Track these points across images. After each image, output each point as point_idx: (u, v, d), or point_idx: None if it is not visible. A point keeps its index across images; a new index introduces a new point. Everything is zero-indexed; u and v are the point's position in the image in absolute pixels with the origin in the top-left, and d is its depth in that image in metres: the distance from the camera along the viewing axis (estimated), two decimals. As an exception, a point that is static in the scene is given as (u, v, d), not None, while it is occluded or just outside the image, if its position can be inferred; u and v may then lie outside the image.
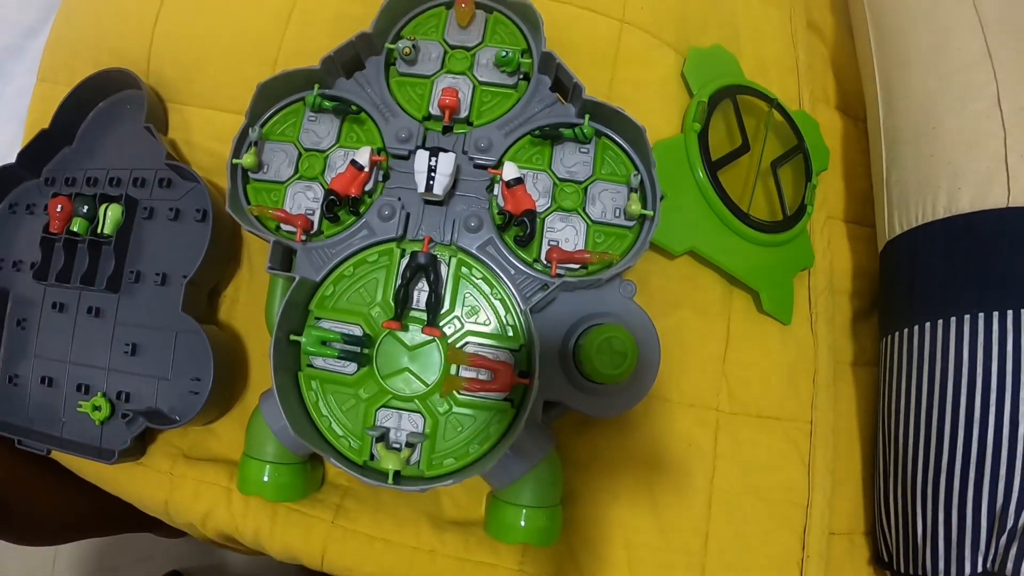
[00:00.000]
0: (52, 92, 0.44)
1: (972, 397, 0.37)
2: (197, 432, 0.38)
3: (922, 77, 0.45)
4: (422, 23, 0.38)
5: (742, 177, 0.42)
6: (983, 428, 0.37)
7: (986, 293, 0.38)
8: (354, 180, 0.33)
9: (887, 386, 0.43)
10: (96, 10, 0.44)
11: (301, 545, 0.35)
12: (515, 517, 0.31)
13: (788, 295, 0.43)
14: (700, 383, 0.40)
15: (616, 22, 0.41)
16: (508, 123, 0.35)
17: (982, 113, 0.41)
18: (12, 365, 0.41)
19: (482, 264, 0.33)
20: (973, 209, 0.39)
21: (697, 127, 0.40)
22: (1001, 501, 0.36)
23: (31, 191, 0.43)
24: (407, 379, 0.32)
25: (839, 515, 0.43)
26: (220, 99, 0.40)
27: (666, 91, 0.41)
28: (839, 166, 0.52)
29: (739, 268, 0.40)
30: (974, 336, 0.38)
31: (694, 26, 0.45)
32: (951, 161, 0.41)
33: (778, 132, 0.45)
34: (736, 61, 0.45)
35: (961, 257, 0.40)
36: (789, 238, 0.42)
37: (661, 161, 0.39)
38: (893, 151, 0.46)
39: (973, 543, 0.37)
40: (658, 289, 0.39)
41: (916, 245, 0.42)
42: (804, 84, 0.50)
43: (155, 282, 0.38)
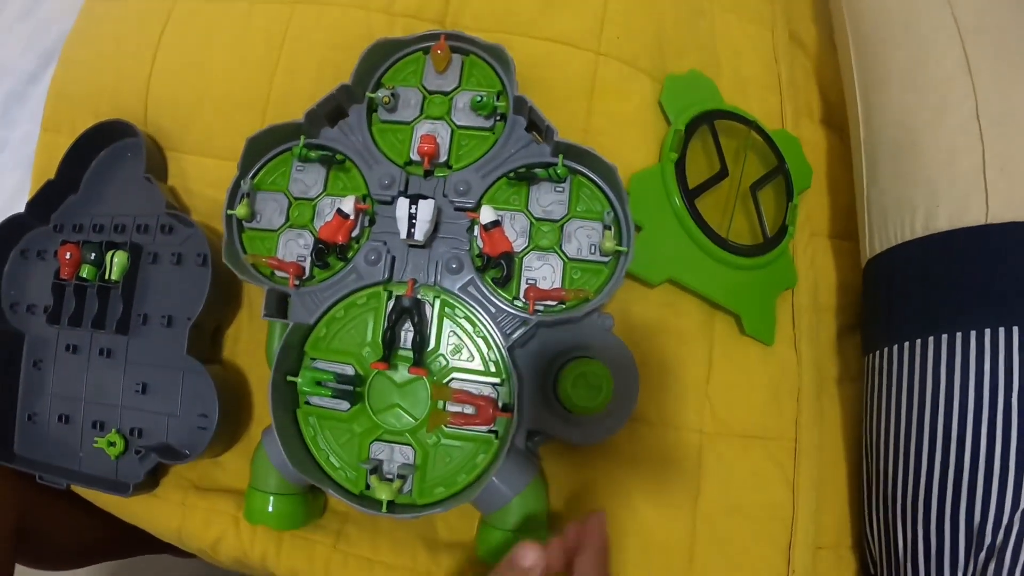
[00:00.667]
0: (55, 142, 0.46)
1: (950, 417, 0.38)
2: (206, 465, 0.41)
3: (900, 92, 0.45)
4: (400, 69, 0.40)
5: (722, 202, 0.44)
6: (960, 447, 0.38)
7: (964, 313, 0.39)
8: (340, 228, 0.36)
9: (869, 404, 0.44)
10: (94, 64, 0.47)
11: (305, 569, 0.38)
12: (503, 540, 0.34)
13: (770, 316, 0.44)
14: (683, 406, 0.42)
15: (591, 54, 0.43)
16: (486, 165, 0.37)
17: (959, 128, 0.42)
18: (30, 404, 0.44)
19: (464, 304, 0.35)
20: (951, 227, 0.40)
21: (674, 156, 0.41)
22: (978, 519, 0.37)
23: (41, 237, 0.46)
24: (397, 414, 0.34)
25: (825, 529, 0.45)
26: (214, 147, 0.43)
27: (643, 120, 0.43)
28: (823, 181, 0.53)
29: (719, 294, 0.42)
30: (951, 356, 0.39)
31: (671, 52, 0.46)
32: (929, 178, 0.42)
33: (758, 153, 0.46)
34: (714, 85, 0.46)
35: (939, 277, 0.41)
36: (770, 260, 0.44)
37: (639, 192, 0.41)
38: (872, 168, 0.47)
39: (952, 560, 0.38)
40: (639, 317, 0.41)
41: (894, 264, 0.43)
42: (787, 100, 0.51)
43: (161, 324, 0.41)
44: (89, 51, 0.48)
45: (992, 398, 0.37)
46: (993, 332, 0.38)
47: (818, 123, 0.54)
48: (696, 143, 0.43)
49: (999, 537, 0.37)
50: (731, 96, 0.48)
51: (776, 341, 0.44)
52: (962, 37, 0.44)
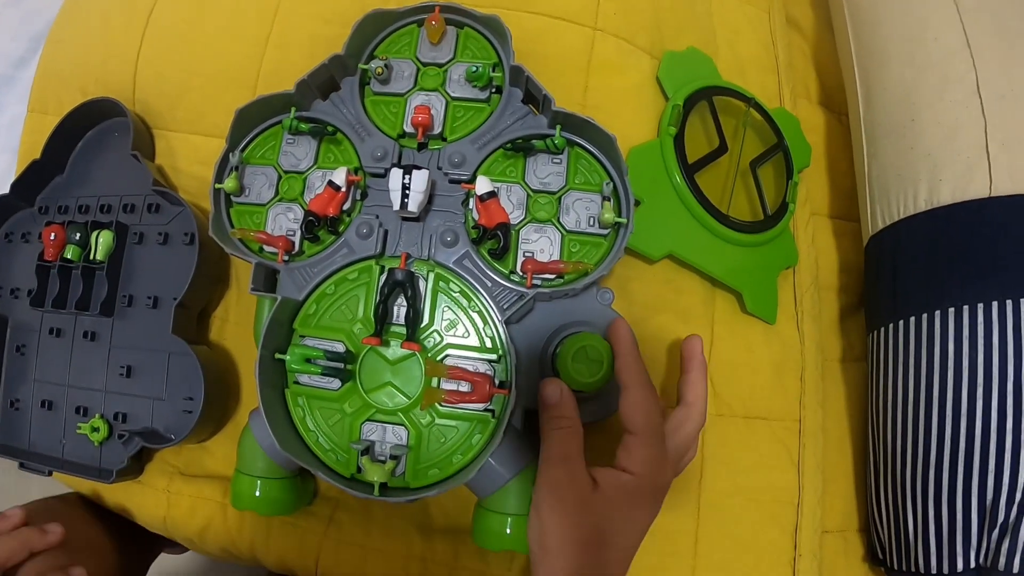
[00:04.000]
0: (42, 122, 0.45)
1: (959, 391, 0.38)
2: (192, 450, 0.39)
3: (900, 70, 0.45)
4: (395, 41, 0.39)
5: (721, 178, 0.43)
6: (971, 422, 0.37)
7: (970, 285, 0.38)
8: (332, 200, 0.35)
9: (874, 382, 0.44)
10: (82, 42, 0.46)
11: (295, 557, 0.37)
12: (500, 525, 0.32)
13: (772, 294, 0.43)
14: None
15: (588, 30, 0.42)
16: (481, 137, 0.36)
17: (961, 103, 0.41)
18: (13, 390, 0.43)
19: (459, 278, 0.34)
20: (954, 200, 0.40)
21: (672, 131, 0.41)
22: (991, 495, 0.36)
23: (25, 220, 0.45)
24: (390, 393, 0.33)
25: (831, 513, 0.44)
26: (203, 125, 0.42)
27: (641, 96, 0.42)
28: (823, 162, 0.52)
29: (720, 270, 0.41)
30: (959, 329, 0.38)
31: (668, 30, 0.45)
32: (931, 153, 0.42)
33: (757, 131, 0.45)
34: (712, 63, 0.46)
35: (943, 250, 0.40)
36: (771, 237, 0.43)
37: (637, 166, 0.40)
38: (873, 145, 0.47)
39: (964, 538, 0.37)
40: (639, 294, 0.40)
41: (898, 239, 0.43)
42: (784, 82, 0.50)
43: (147, 305, 0.40)
44: (77, 29, 0.47)
45: (1002, 370, 0.36)
46: (1000, 304, 0.37)
47: (816, 105, 0.54)
48: (695, 119, 0.43)
49: (1012, 514, 0.36)
50: (729, 75, 0.47)
51: (778, 320, 0.43)
52: (961, 15, 0.44)
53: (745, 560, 0.40)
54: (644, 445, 0.30)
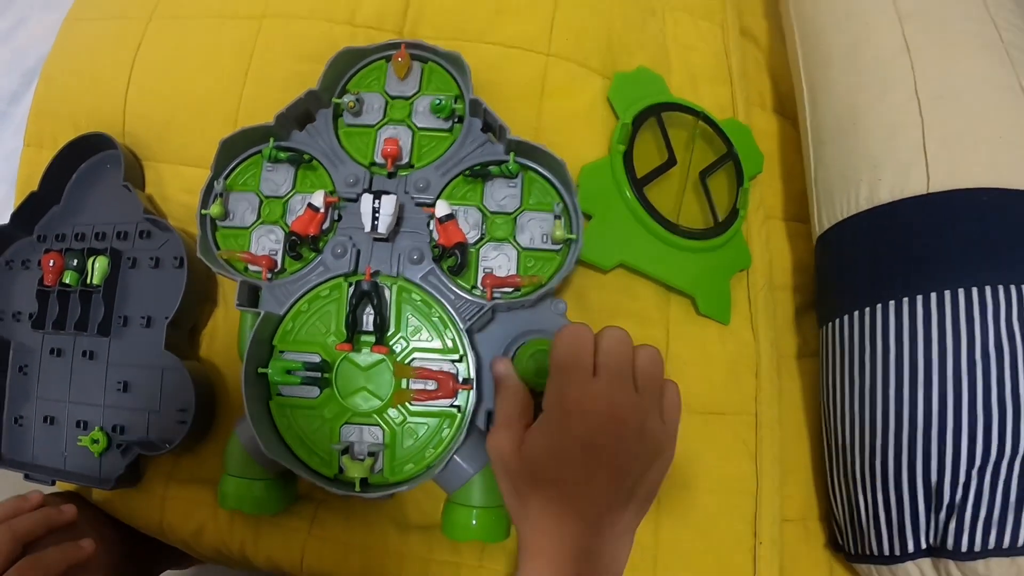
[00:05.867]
0: (38, 156, 0.53)
1: (900, 380, 0.43)
2: (185, 458, 0.46)
3: (842, 75, 0.51)
4: (365, 76, 0.46)
5: (672, 189, 0.50)
6: (912, 409, 0.42)
7: (908, 278, 0.44)
8: (312, 221, 0.42)
9: (825, 375, 0.50)
10: (73, 80, 0.53)
11: (282, 554, 0.43)
12: (467, 517, 0.39)
13: (725, 296, 0.50)
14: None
15: (542, 56, 0.49)
16: (444, 164, 0.43)
17: (900, 104, 0.47)
18: (16, 407, 0.49)
19: (420, 288, 0.41)
20: (893, 198, 0.45)
21: (621, 148, 0.47)
22: (935, 478, 0.41)
23: (25, 248, 0.52)
24: (364, 397, 0.40)
25: (791, 502, 0.50)
26: (189, 155, 0.49)
27: (593, 117, 0.49)
28: (777, 167, 0.59)
29: (671, 276, 0.47)
30: (899, 321, 0.43)
31: (621, 51, 0.53)
32: (871, 154, 0.48)
33: (709, 142, 0.52)
34: (662, 80, 0.53)
35: (883, 246, 0.46)
36: (722, 242, 0.50)
37: (589, 183, 0.47)
38: (819, 149, 0.53)
39: (913, 521, 0.42)
40: (595, 302, 0.47)
41: (842, 238, 0.49)
42: (738, 91, 0.57)
43: (141, 325, 0.46)
44: (68, 69, 0.54)
45: (941, 359, 0.42)
46: (939, 295, 0.42)
47: (771, 112, 0.61)
48: (645, 135, 0.49)
49: (958, 494, 0.40)
50: (681, 89, 0.54)
51: (732, 320, 0.50)
52: (901, 20, 0.50)
53: (706, 548, 0.46)
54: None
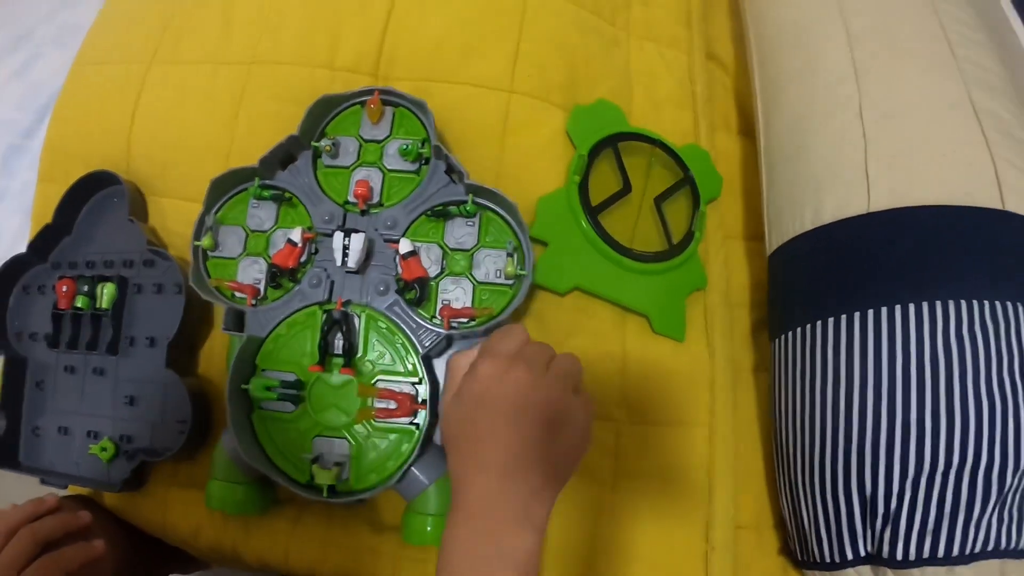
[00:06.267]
0: (51, 190, 0.59)
1: (837, 393, 0.46)
2: (185, 464, 0.52)
3: (793, 99, 0.54)
4: (342, 121, 0.52)
5: (629, 215, 0.54)
6: (848, 420, 0.45)
7: (847, 296, 0.46)
8: (291, 254, 0.47)
9: (774, 388, 0.53)
10: (83, 120, 0.60)
11: (269, 552, 0.49)
12: (423, 524, 0.44)
13: (679, 315, 0.54)
14: (600, 399, 0.51)
15: (504, 93, 0.54)
16: (411, 203, 0.48)
17: (844, 126, 0.49)
18: (33, 419, 0.56)
19: (387, 318, 0.46)
20: (835, 219, 0.48)
21: (577, 179, 0.52)
22: (870, 488, 0.44)
23: (40, 274, 0.58)
24: (335, 413, 0.45)
25: (745, 510, 0.54)
26: (188, 191, 0.55)
27: (552, 150, 0.54)
28: (738, 188, 0.63)
29: (625, 297, 0.52)
30: (837, 337, 0.46)
31: (582, 84, 0.57)
32: (816, 176, 0.50)
33: (667, 168, 0.57)
34: (619, 110, 0.57)
35: (825, 265, 0.49)
36: (676, 264, 0.54)
37: (546, 212, 0.51)
38: (771, 171, 0.56)
39: (850, 529, 0.45)
40: (553, 322, 0.51)
41: (789, 257, 0.53)
42: (701, 116, 0.61)
43: (145, 344, 0.53)
44: (77, 110, 0.60)
45: (876, 373, 0.44)
46: (876, 312, 0.44)
47: (736, 134, 0.65)
48: (603, 165, 0.54)
49: (892, 504, 0.43)
50: (644, 117, 0.58)
51: (688, 337, 0.54)
52: (851, 42, 0.52)
53: (659, 553, 0.50)
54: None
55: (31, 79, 0.70)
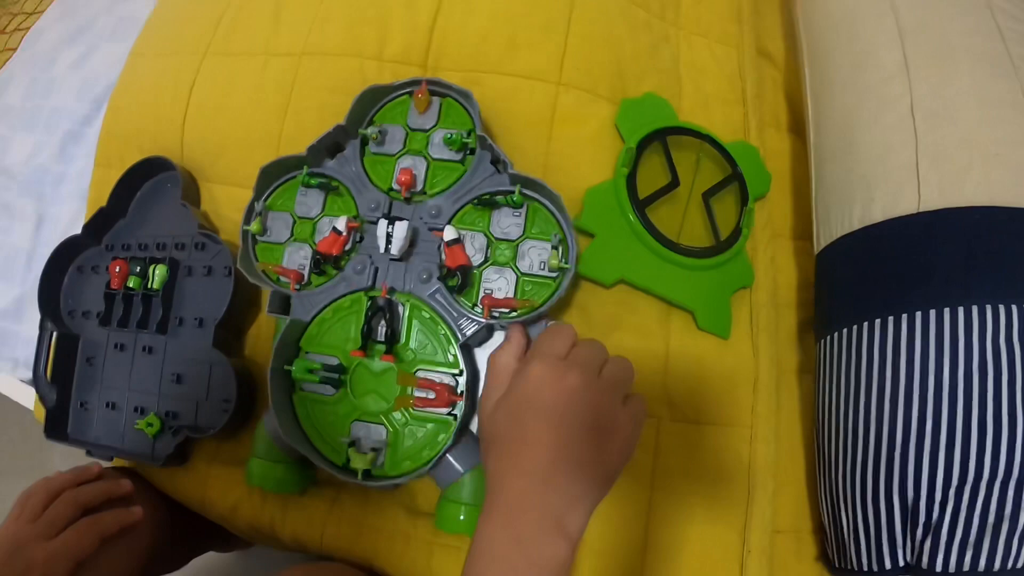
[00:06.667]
0: (107, 175, 0.62)
1: (882, 396, 0.45)
2: (227, 442, 0.54)
3: (843, 96, 0.54)
4: (390, 110, 0.53)
5: (676, 210, 0.54)
6: (892, 425, 0.44)
7: (895, 297, 0.46)
8: (335, 242, 0.48)
9: (818, 389, 0.52)
10: (138, 109, 0.62)
11: (305, 531, 0.50)
12: (455, 512, 0.45)
13: (725, 312, 0.54)
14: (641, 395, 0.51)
15: (552, 85, 0.55)
16: (455, 193, 0.49)
17: (895, 124, 0.49)
18: (82, 394, 0.59)
19: (430, 308, 0.47)
20: (884, 218, 0.47)
21: (625, 171, 0.52)
22: (912, 496, 0.43)
23: (94, 256, 0.61)
24: (373, 399, 0.46)
25: (784, 514, 0.53)
26: (238, 177, 0.57)
27: (600, 142, 0.54)
28: (787, 186, 0.62)
29: (671, 292, 0.52)
30: (884, 340, 0.45)
31: (630, 77, 0.57)
32: (865, 175, 0.50)
33: (715, 163, 0.56)
34: (669, 105, 0.57)
35: (873, 265, 0.48)
36: (723, 260, 0.53)
37: (593, 204, 0.52)
38: (820, 169, 0.56)
39: (889, 537, 0.45)
40: (597, 315, 0.52)
41: (836, 257, 0.52)
42: (752, 112, 0.61)
43: (194, 325, 0.55)
44: (133, 99, 0.63)
45: (923, 377, 0.43)
46: (924, 315, 0.44)
47: (785, 132, 0.64)
48: (652, 158, 0.54)
49: (935, 514, 0.42)
50: (693, 112, 0.58)
51: (733, 335, 0.53)
52: (902, 38, 0.51)
53: (695, 554, 0.50)
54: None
55: (89, 70, 0.73)
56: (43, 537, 0.46)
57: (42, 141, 0.70)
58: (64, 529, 0.47)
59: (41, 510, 0.48)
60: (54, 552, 0.45)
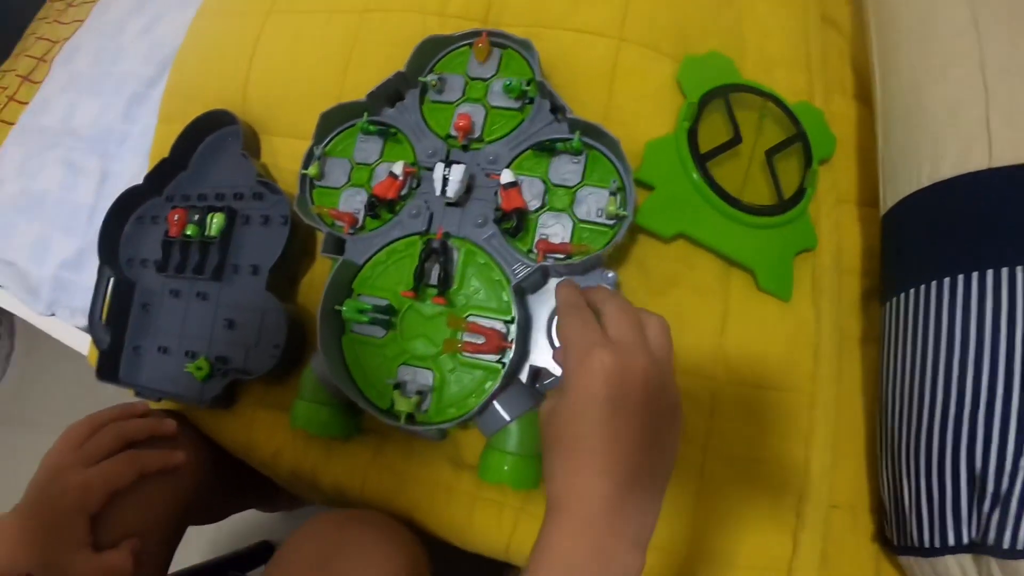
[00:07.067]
0: (170, 130, 0.63)
1: (951, 359, 0.43)
2: (275, 387, 0.55)
3: (910, 54, 0.52)
4: (450, 60, 0.54)
5: (739, 167, 0.53)
6: (961, 390, 0.42)
7: (965, 255, 0.44)
8: (391, 186, 0.49)
9: (883, 355, 0.50)
10: (203, 64, 0.65)
11: (347, 479, 0.50)
12: (500, 462, 0.44)
13: (787, 273, 0.52)
14: (697, 354, 0.50)
15: (614, 40, 0.54)
16: (513, 140, 0.49)
17: (963, 80, 0.47)
18: (136, 338, 0.60)
19: (485, 252, 0.47)
20: (954, 174, 0.45)
21: (686, 125, 0.51)
22: (980, 465, 0.40)
23: (154, 206, 0.63)
24: (423, 343, 0.46)
25: (841, 489, 0.50)
26: (299, 130, 0.58)
27: (662, 97, 0.54)
28: (854, 152, 0.60)
29: (731, 249, 0.50)
30: (953, 298, 0.43)
31: (693, 35, 0.57)
32: (934, 131, 0.48)
33: (778, 123, 0.55)
34: (732, 64, 0.56)
35: (944, 222, 0.46)
36: (786, 220, 0.52)
37: (653, 157, 0.51)
38: (886, 128, 0.54)
39: (954, 510, 0.42)
40: (654, 270, 0.51)
41: (904, 215, 0.50)
42: (816, 77, 0.59)
43: (249, 272, 0.56)
44: (198, 57, 0.66)
45: (994, 339, 0.41)
46: (996, 273, 0.42)
47: (851, 98, 0.62)
48: (713, 115, 0.53)
49: (1004, 484, 0.39)
50: (755, 74, 0.57)
51: (794, 298, 0.52)
52: None
53: (744, 524, 0.48)
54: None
55: (155, 35, 0.76)
56: (81, 464, 0.47)
57: (108, 103, 0.73)
58: (103, 459, 0.48)
59: (83, 440, 0.49)
60: (89, 479, 0.46)
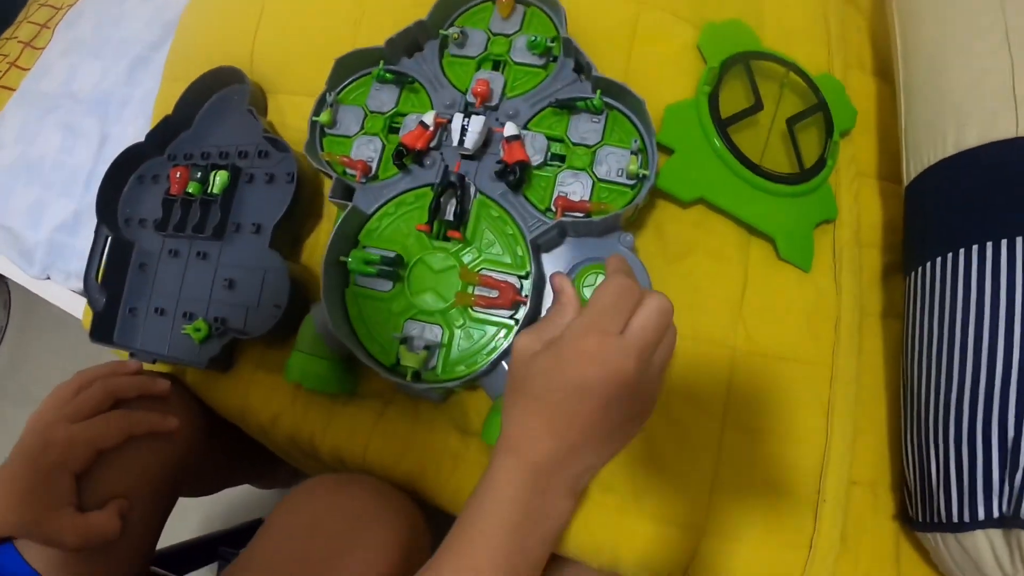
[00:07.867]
0: (174, 89, 0.63)
1: (980, 327, 0.42)
2: (274, 348, 0.53)
3: (933, 26, 0.53)
4: (472, 15, 0.53)
5: (759, 134, 0.53)
6: (991, 358, 0.41)
7: (992, 223, 0.44)
8: (421, 136, 0.48)
9: (907, 325, 0.49)
10: (209, 22, 0.64)
11: (347, 444, 0.49)
12: None
13: (807, 243, 0.51)
14: (715, 322, 0.49)
15: (634, 3, 0.54)
16: (534, 96, 0.49)
17: (988, 51, 0.47)
18: (132, 300, 0.58)
19: (499, 206, 0.46)
20: (980, 142, 0.46)
21: (707, 90, 0.51)
22: (1012, 434, 0.39)
23: (156, 165, 0.62)
24: (432, 297, 0.45)
25: (862, 465, 0.49)
26: (307, 87, 0.57)
27: (681, 62, 0.53)
28: (873, 127, 0.60)
29: (752, 216, 0.50)
30: (982, 266, 0.43)
31: (712, 3, 0.56)
32: (957, 100, 0.48)
33: (798, 93, 0.55)
34: (752, 32, 0.56)
35: (970, 190, 0.46)
36: (807, 190, 0.52)
37: (673, 121, 0.51)
38: (909, 100, 0.54)
39: (985, 482, 0.41)
40: (672, 235, 0.50)
41: (929, 185, 0.50)
42: (836, 52, 0.59)
43: (251, 231, 0.54)
44: (204, 15, 0.65)
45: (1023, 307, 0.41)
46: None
47: (870, 74, 0.62)
48: (733, 81, 0.53)
49: None
50: (775, 44, 0.57)
51: (815, 270, 0.51)
52: None
53: (765, 497, 0.47)
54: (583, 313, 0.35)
55: (158, 0, 0.77)
56: (66, 420, 0.45)
57: (109, 67, 0.73)
58: (92, 416, 0.47)
59: (71, 396, 0.47)
60: (75, 435, 0.45)
